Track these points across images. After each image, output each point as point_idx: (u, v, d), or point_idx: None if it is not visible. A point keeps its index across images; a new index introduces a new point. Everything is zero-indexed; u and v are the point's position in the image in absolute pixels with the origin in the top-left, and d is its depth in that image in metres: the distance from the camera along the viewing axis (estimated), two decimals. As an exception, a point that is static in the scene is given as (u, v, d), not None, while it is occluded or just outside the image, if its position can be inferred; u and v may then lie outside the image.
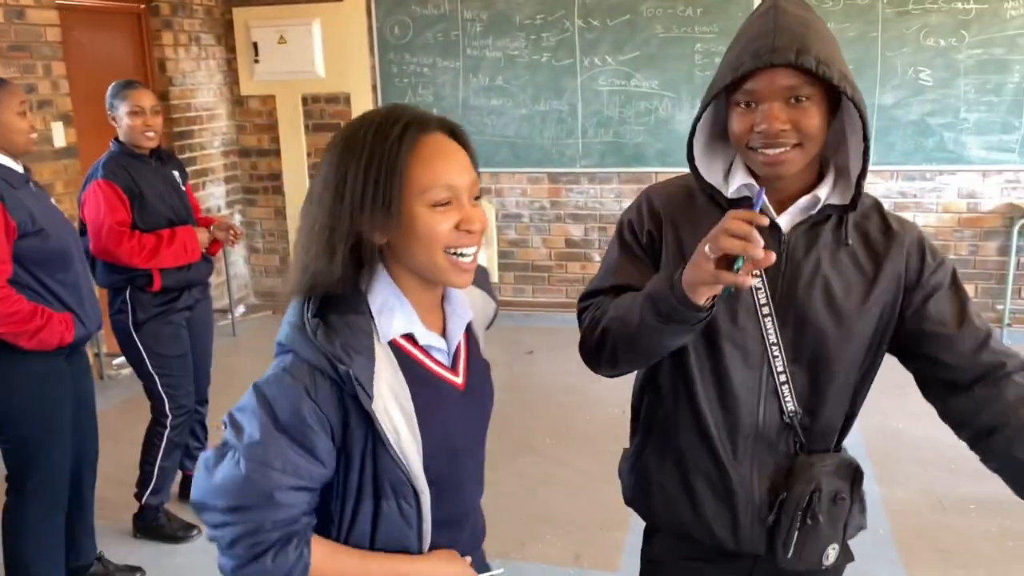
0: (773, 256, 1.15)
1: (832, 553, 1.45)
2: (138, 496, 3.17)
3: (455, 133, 1.22)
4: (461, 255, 1.18)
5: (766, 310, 1.37)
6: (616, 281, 1.43)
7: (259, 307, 6.30)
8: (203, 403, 3.45)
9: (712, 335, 1.37)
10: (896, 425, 4.00)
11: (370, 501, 1.20)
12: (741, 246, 1.13)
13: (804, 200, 1.35)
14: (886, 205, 4.70)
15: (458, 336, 1.28)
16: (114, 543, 3.14)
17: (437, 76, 5.75)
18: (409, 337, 1.22)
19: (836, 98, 1.31)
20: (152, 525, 3.18)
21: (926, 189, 5.25)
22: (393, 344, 1.20)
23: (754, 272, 1.26)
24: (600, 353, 1.39)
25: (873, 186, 5.30)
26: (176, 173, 3.22)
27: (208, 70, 5.90)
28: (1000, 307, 5.09)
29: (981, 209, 5.21)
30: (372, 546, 1.23)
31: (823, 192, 1.35)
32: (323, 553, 1.19)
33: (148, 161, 3.08)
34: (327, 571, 1.19)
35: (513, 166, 5.76)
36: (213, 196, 6.00)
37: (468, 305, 1.31)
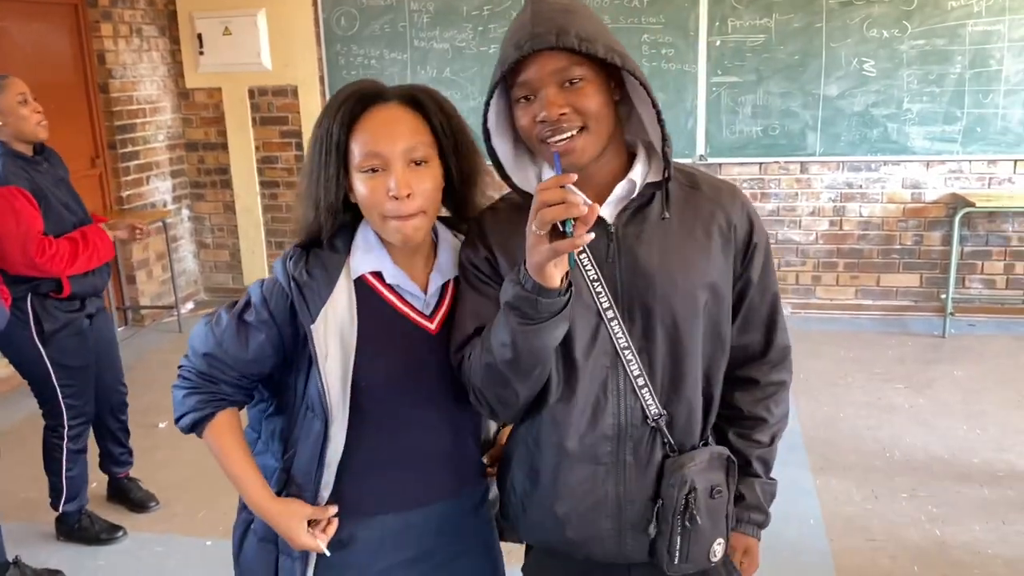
0: (597, 207, 1.14)
1: (719, 549, 1.42)
2: (53, 506, 3.10)
3: (416, 100, 1.35)
4: (395, 217, 1.31)
5: (611, 313, 1.32)
6: (478, 322, 1.35)
7: (209, 303, 6.21)
8: (122, 409, 3.33)
9: (564, 345, 1.31)
10: (836, 414, 4.02)
11: (303, 408, 1.40)
12: (562, 210, 1.11)
13: (620, 187, 1.32)
14: (832, 195, 4.71)
15: (436, 284, 1.41)
16: (35, 545, 3.08)
17: (385, 68, 5.69)
18: (382, 278, 1.38)
19: (618, 75, 1.30)
20: (74, 528, 3.11)
21: (871, 180, 5.28)
22: (363, 281, 1.38)
23: (592, 275, 1.31)
24: (496, 395, 1.32)
25: (819, 177, 5.33)
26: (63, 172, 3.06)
27: (151, 62, 5.79)
28: (943, 296, 5.13)
29: (925, 199, 5.25)
30: (292, 448, 1.43)
31: (637, 174, 1.33)
32: (222, 431, 1.44)
33: (40, 162, 2.91)
34: (215, 445, 1.44)
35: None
36: (159, 191, 5.90)
37: (453, 263, 1.42)
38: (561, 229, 1.13)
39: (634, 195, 1.33)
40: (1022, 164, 5.07)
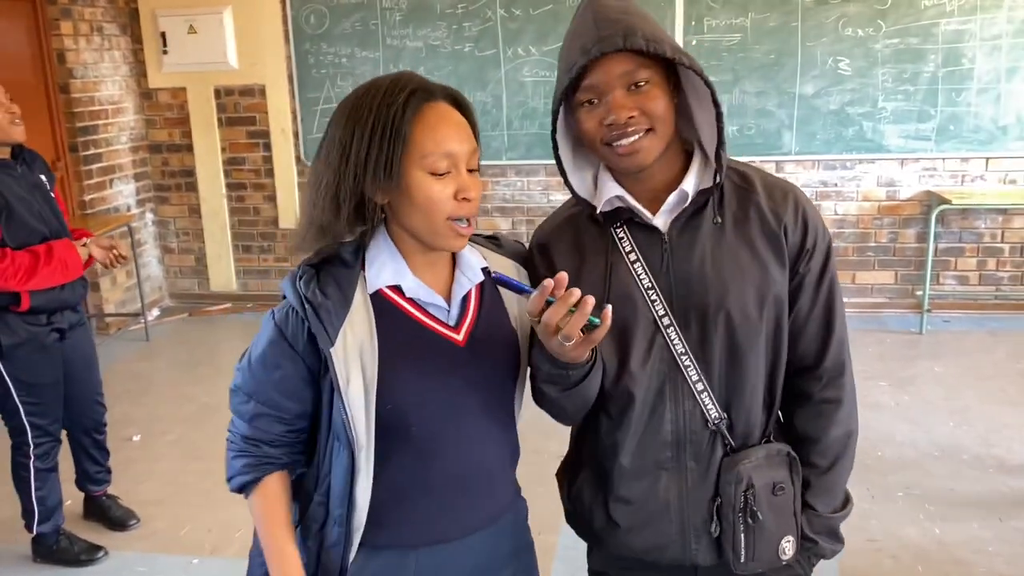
0: (608, 308, 1.13)
1: (788, 547, 1.39)
2: (28, 527, 2.95)
3: (459, 102, 1.27)
4: (460, 221, 1.24)
5: (666, 321, 1.32)
6: None
7: (175, 309, 6.03)
8: (99, 428, 3.17)
9: (621, 355, 1.34)
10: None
11: (331, 439, 1.30)
12: (579, 318, 1.11)
13: (673, 196, 1.32)
14: (808, 194, 4.68)
15: (460, 294, 1.32)
16: (12, 568, 2.94)
17: (356, 67, 5.57)
18: (401, 290, 1.28)
19: (676, 77, 1.30)
20: (52, 550, 2.96)
21: (846, 178, 5.31)
22: (381, 295, 1.28)
23: (646, 284, 1.32)
24: (556, 416, 1.40)
25: (795, 175, 5.35)
26: (43, 178, 2.86)
27: (113, 61, 5.60)
28: (919, 293, 5.18)
29: (900, 197, 5.30)
30: (327, 483, 1.31)
31: (690, 184, 1.32)
32: (266, 498, 1.32)
33: (12, 167, 2.73)
34: (256, 511, 1.32)
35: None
36: (122, 194, 5.71)
37: (478, 268, 1.33)
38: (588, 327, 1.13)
39: (687, 204, 1.32)
40: (994, 162, 5.14)
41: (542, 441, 2.06)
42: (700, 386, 1.33)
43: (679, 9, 5.17)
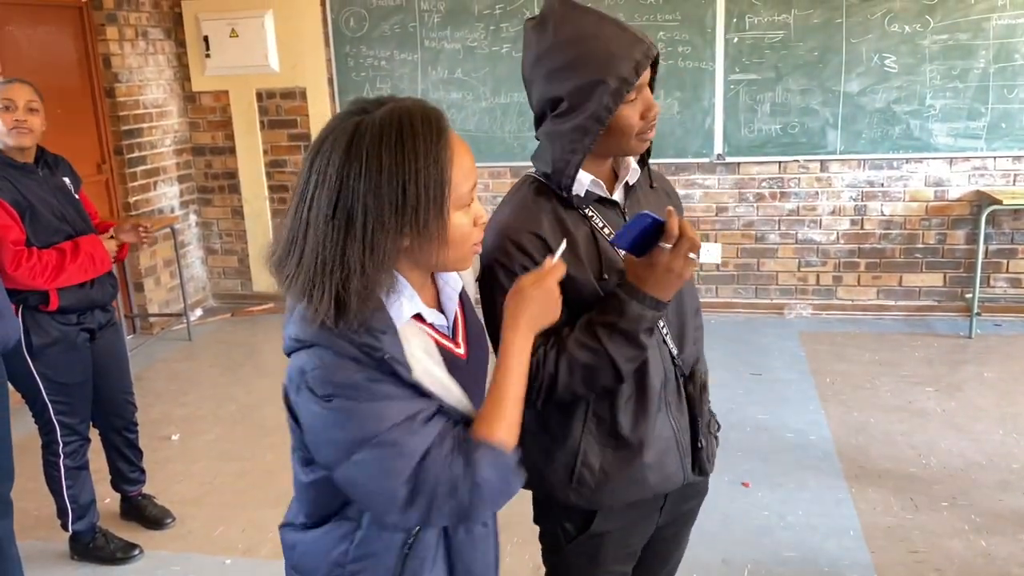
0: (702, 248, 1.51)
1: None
2: (63, 526, 3.00)
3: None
4: (478, 245, 1.26)
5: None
6: None
7: (218, 310, 6.12)
8: (130, 427, 3.21)
9: None
10: (866, 420, 3.92)
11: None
12: (691, 265, 1.41)
13: (632, 173, 1.58)
14: (853, 194, 4.82)
15: (453, 307, 1.31)
16: (51, 565, 2.99)
17: (395, 69, 5.59)
18: (416, 317, 1.24)
19: None
20: (88, 548, 3.01)
21: (893, 178, 5.18)
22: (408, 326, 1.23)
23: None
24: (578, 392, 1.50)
25: (840, 175, 5.23)
26: (67, 180, 2.92)
27: (157, 65, 5.70)
28: (969, 296, 5.03)
29: (948, 197, 5.15)
30: None
31: (633, 161, 1.59)
32: (482, 430, 1.20)
33: (34, 170, 2.78)
34: (500, 432, 1.20)
35: (475, 160, 5.59)
36: (166, 196, 5.80)
37: (457, 275, 1.34)
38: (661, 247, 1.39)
39: (635, 176, 1.61)
40: (1048, 160, 4.97)
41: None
42: (665, 330, 1.57)
43: (720, 6, 5.08)
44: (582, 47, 1.39)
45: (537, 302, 1.28)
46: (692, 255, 1.38)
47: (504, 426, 1.20)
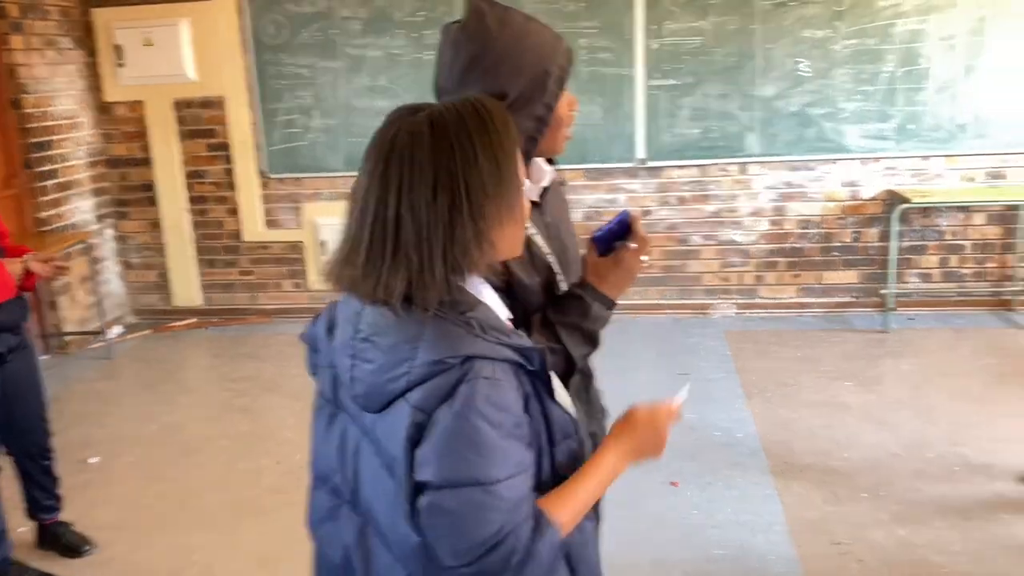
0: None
1: None
2: None
3: None
4: None
5: (556, 268, 1.54)
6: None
7: (138, 326, 5.93)
8: (44, 454, 3.07)
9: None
10: (790, 416, 4.02)
11: (547, 458, 1.23)
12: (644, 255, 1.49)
13: (549, 175, 1.57)
14: (772, 196, 4.92)
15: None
16: (-39, 602, 2.84)
17: (317, 77, 5.52)
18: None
19: None
20: (1, 581, 2.88)
21: (809, 179, 5.33)
22: None
23: (545, 249, 1.53)
24: None
25: (759, 177, 5.36)
26: None
27: (67, 75, 5.50)
28: (884, 292, 5.21)
29: (862, 196, 5.32)
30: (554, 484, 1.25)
31: (543, 161, 1.59)
32: (552, 506, 1.20)
33: None
34: (564, 518, 1.20)
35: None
36: (80, 210, 5.60)
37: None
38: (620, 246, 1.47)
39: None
40: (953, 160, 5.18)
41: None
42: None
43: (639, 13, 5.15)
44: (526, 41, 1.41)
45: (645, 439, 1.35)
46: (644, 257, 1.46)
47: (570, 513, 1.23)
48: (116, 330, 5.77)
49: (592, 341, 1.48)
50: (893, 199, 5.18)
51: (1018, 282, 5.29)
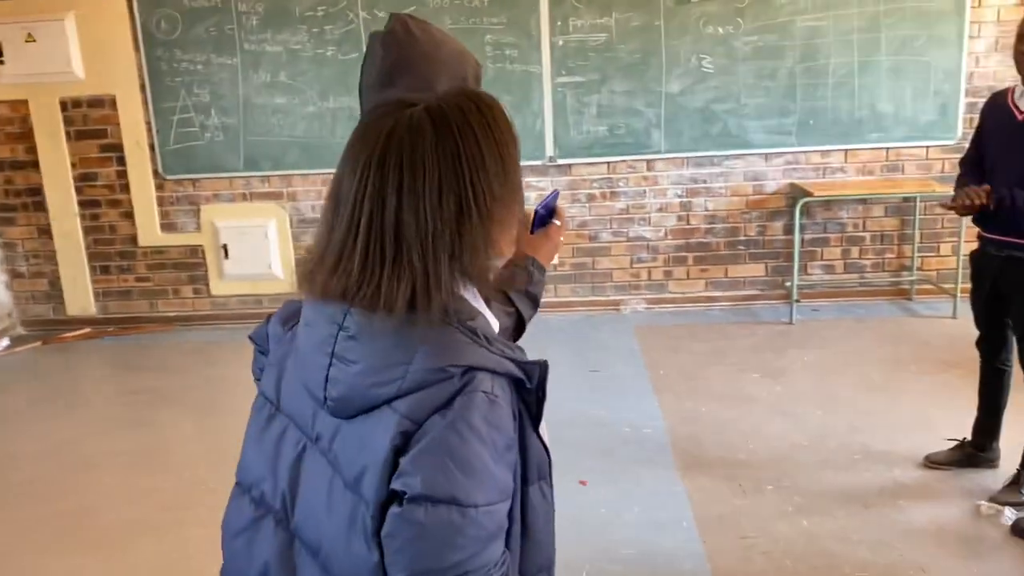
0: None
1: None
2: None
3: None
4: None
5: None
6: None
7: (27, 338, 5.62)
8: None
9: None
10: (697, 409, 4.04)
11: (516, 500, 1.10)
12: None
13: None
14: (678, 191, 4.89)
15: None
16: None
17: (213, 73, 5.32)
18: None
19: None
20: None
21: (715, 174, 5.39)
22: None
23: None
24: None
25: (666, 173, 5.39)
26: None
27: (-59, 73, 5.17)
28: (788, 284, 5.30)
29: (766, 191, 5.41)
30: (524, 535, 1.14)
31: None
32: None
33: None
34: None
35: (306, 167, 5.42)
36: (-41, 216, 5.28)
37: None
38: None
39: None
40: (852, 154, 5.31)
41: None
42: None
43: (544, 9, 5.13)
44: (444, 47, 1.61)
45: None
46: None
47: None
48: (2, 343, 5.45)
49: (536, 303, 1.61)
50: (795, 193, 5.28)
51: (915, 272, 5.46)
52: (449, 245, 1.03)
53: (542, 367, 1.09)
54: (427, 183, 1.03)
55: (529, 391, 1.09)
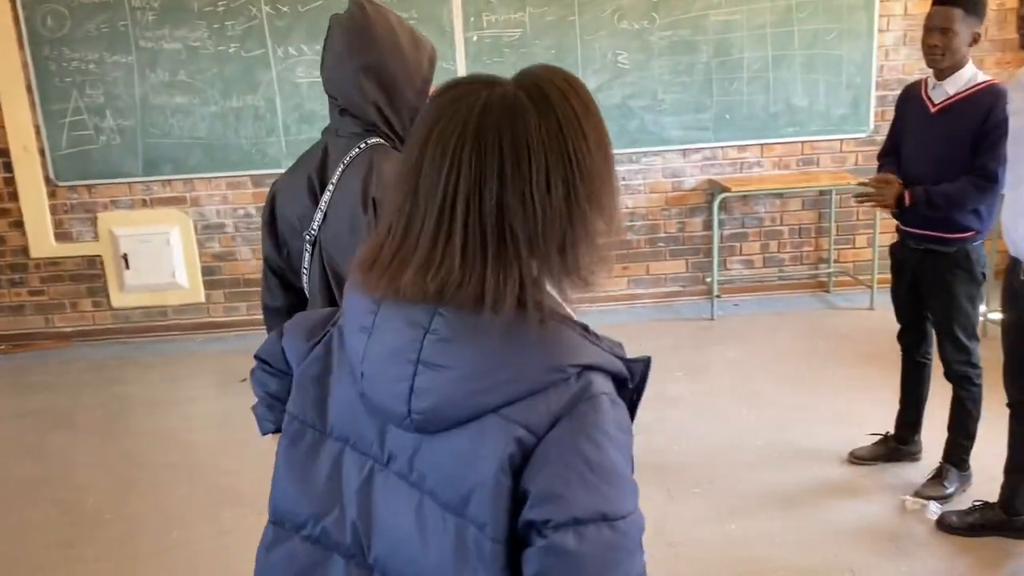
0: None
1: None
2: None
3: None
4: None
5: None
6: None
7: (-91, 358, 5.21)
8: None
9: None
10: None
11: None
12: None
13: None
14: None
15: None
16: None
17: (107, 72, 5.00)
18: None
19: None
20: None
21: (633, 171, 5.33)
22: None
23: None
24: None
25: (585, 170, 5.30)
26: None
27: None
28: (708, 279, 5.28)
29: (684, 187, 5.38)
30: None
31: None
32: None
33: None
34: None
35: (209, 170, 5.15)
36: None
37: None
38: None
39: None
40: (768, 148, 5.31)
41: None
42: None
43: (456, 4, 4.98)
44: (399, 29, 1.75)
45: None
46: None
47: None
48: None
49: None
50: (713, 188, 5.26)
51: (832, 264, 5.50)
52: (560, 235, 0.94)
53: (646, 364, 1.02)
54: (533, 164, 0.92)
55: (627, 390, 1.01)
